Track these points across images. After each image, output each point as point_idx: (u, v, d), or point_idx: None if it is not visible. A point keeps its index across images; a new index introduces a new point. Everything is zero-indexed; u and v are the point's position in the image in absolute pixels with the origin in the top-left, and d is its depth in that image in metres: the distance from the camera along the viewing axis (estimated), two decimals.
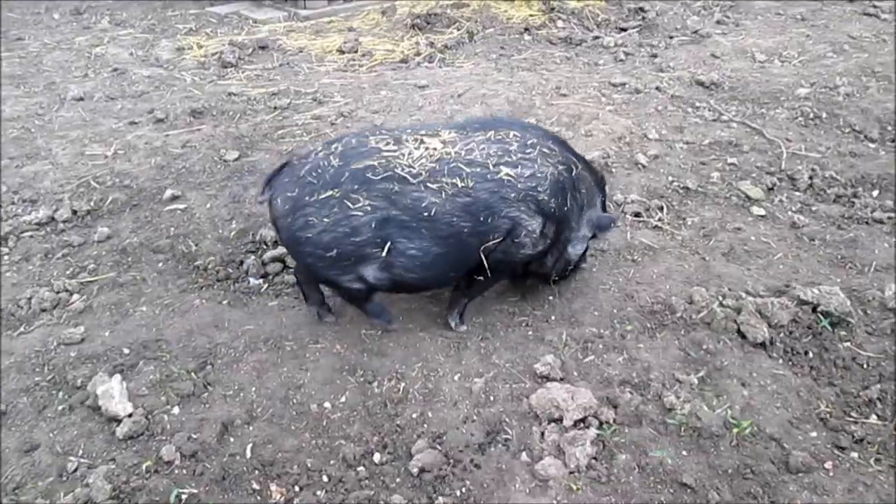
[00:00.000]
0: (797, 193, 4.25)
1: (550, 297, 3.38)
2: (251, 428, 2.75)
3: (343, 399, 2.87)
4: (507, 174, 2.85)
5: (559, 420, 2.65)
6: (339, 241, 2.81)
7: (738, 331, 3.07)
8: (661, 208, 4.09)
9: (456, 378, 2.94)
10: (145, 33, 7.65)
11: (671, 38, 6.91)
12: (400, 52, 6.72)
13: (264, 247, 3.88)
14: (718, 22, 7.35)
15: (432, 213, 2.80)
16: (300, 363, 3.04)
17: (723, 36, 6.91)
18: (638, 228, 3.92)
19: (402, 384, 2.92)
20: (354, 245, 2.82)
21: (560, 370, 2.91)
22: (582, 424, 2.64)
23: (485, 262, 2.92)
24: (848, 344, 3.05)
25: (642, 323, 3.19)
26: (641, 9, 7.59)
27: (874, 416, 2.78)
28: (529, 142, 2.97)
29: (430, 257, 2.86)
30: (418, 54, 6.66)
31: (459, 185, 2.81)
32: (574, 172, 3.04)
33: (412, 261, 2.86)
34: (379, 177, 2.80)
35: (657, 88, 5.65)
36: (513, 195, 2.86)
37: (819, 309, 3.12)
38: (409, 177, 2.79)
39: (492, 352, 3.07)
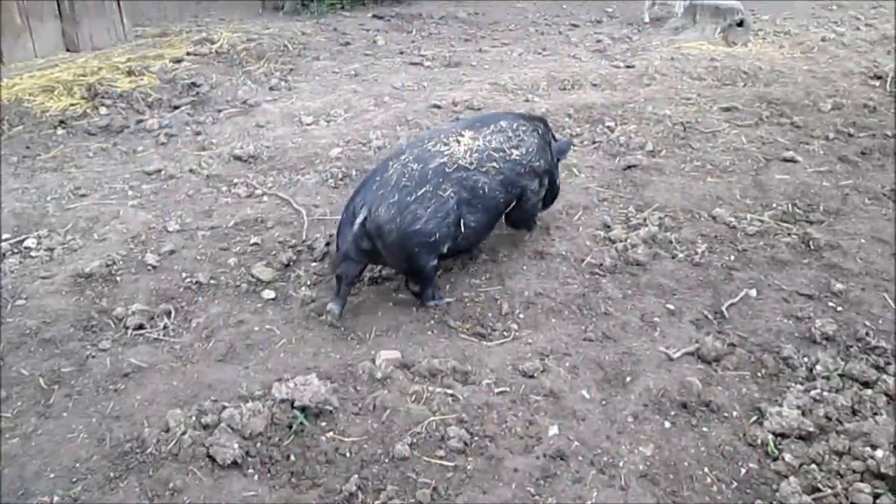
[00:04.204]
0: (315, 264, 4.14)
1: None
2: None
3: None
4: (516, 154, 3.84)
5: None
6: (438, 224, 3.51)
7: (209, 455, 2.74)
8: (169, 313, 3.71)
9: None
10: None
11: (220, 111, 6.63)
12: None
13: None
14: (272, 88, 7.27)
15: (486, 191, 3.68)
16: None
17: (273, 103, 6.80)
18: (133, 346, 3.47)
19: None
20: (448, 226, 3.55)
21: None
22: None
23: (505, 220, 4.13)
24: (331, 434, 2.89)
25: (106, 473, 2.73)
26: (195, 83, 7.25)
27: None
28: (513, 126, 3.95)
29: (481, 225, 3.76)
30: None
31: (497, 167, 3.74)
32: (541, 130, 4.10)
33: (471, 230, 3.70)
34: (451, 169, 3.60)
35: (191, 171, 5.32)
36: (522, 170, 3.88)
37: (296, 404, 2.93)
38: (468, 166, 3.64)
39: None
